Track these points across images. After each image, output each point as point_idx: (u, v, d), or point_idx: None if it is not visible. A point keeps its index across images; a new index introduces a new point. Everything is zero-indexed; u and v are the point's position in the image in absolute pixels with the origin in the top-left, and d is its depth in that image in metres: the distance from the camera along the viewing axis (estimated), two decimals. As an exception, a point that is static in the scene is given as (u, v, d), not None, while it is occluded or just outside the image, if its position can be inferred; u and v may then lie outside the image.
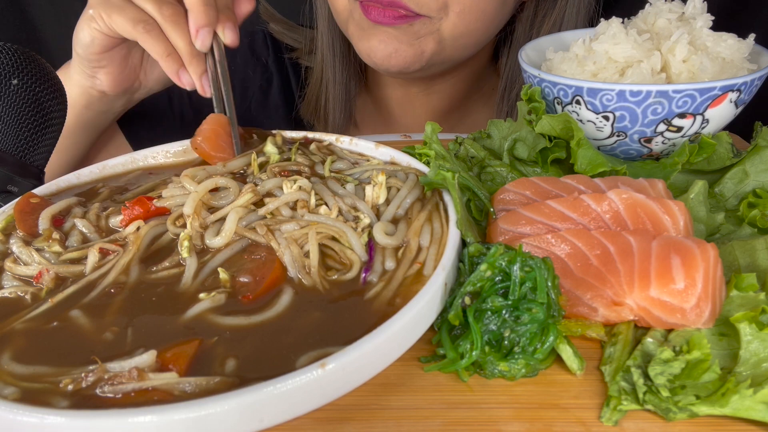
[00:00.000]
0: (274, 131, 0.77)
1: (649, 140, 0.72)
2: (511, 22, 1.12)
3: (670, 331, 0.52)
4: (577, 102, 0.72)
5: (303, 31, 1.23)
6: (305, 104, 1.23)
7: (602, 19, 0.78)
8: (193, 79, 0.82)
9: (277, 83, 1.25)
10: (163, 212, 0.61)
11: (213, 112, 0.77)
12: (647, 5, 0.78)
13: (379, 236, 0.57)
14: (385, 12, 0.96)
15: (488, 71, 1.24)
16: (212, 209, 0.60)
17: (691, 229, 0.58)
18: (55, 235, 0.59)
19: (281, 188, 0.61)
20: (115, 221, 0.61)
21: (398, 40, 0.98)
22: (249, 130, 0.75)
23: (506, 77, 1.16)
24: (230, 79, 0.81)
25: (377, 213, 0.61)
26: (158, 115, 1.20)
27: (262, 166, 0.67)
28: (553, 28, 1.08)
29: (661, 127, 0.70)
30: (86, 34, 0.87)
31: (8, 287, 0.55)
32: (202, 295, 0.52)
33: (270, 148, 0.70)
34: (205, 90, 0.82)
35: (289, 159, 0.69)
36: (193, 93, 0.90)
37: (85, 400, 0.43)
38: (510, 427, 0.46)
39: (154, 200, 0.61)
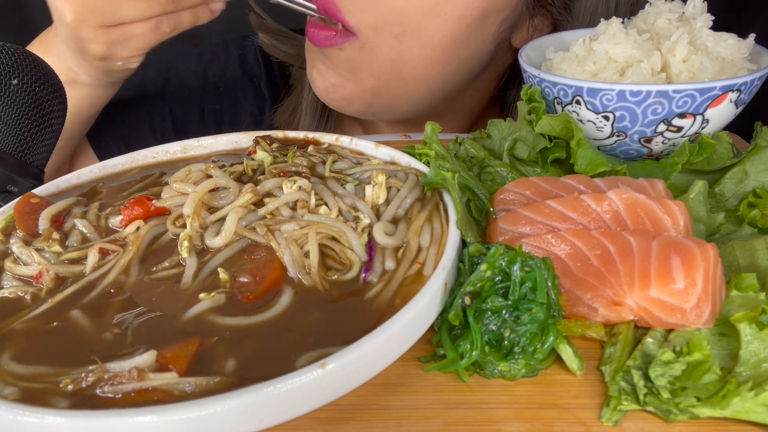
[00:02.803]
0: (279, 132, 0.77)
1: (649, 140, 0.72)
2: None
3: (670, 331, 0.52)
4: (577, 102, 0.72)
5: (293, 39, 1.15)
6: (282, 110, 1.15)
7: (602, 20, 0.78)
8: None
9: (269, 107, 1.17)
10: (163, 212, 0.61)
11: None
12: (647, 5, 0.78)
13: (379, 236, 0.57)
14: (318, 30, 0.86)
15: (489, 111, 1.11)
16: (212, 209, 0.60)
17: (691, 229, 0.58)
18: (55, 235, 0.59)
19: (281, 188, 0.61)
20: (115, 221, 0.61)
21: (336, 72, 0.89)
22: (265, 137, 0.75)
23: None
24: (220, 104, 0.79)
25: (377, 213, 0.61)
26: (138, 140, 1.14)
27: (256, 172, 0.67)
28: None
29: (661, 127, 0.70)
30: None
31: (8, 287, 0.55)
32: (202, 295, 0.52)
33: (261, 154, 0.70)
34: None
35: (284, 162, 0.68)
36: (178, 119, 0.88)
37: (85, 400, 0.43)
38: (510, 427, 0.46)
39: (154, 200, 0.61)
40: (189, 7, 0.85)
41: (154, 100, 1.15)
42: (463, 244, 0.56)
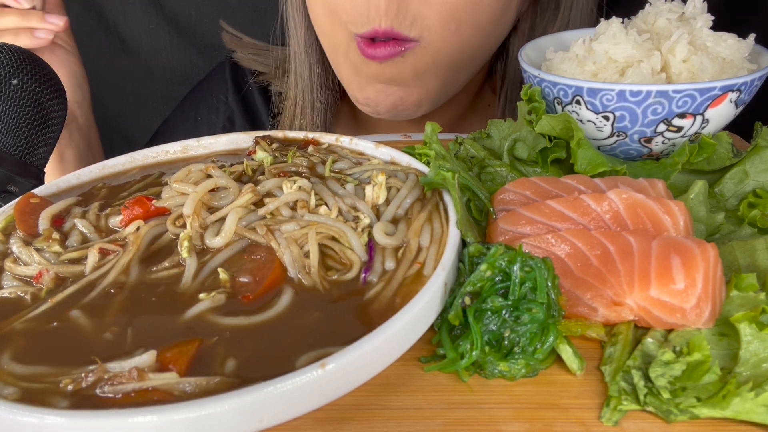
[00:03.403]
0: (278, 132, 0.77)
1: (649, 140, 0.72)
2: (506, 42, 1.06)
3: (670, 331, 0.52)
4: (577, 102, 0.72)
5: (274, 52, 1.17)
6: (281, 126, 1.17)
7: (602, 19, 0.78)
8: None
9: (241, 117, 1.21)
10: (163, 212, 0.61)
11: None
12: (647, 5, 0.78)
13: (379, 236, 0.57)
14: (374, 48, 0.87)
15: (483, 89, 1.18)
16: (212, 209, 0.60)
17: (691, 229, 0.58)
18: (55, 235, 0.59)
19: (281, 188, 0.61)
20: (115, 221, 0.61)
21: (400, 85, 0.90)
22: (265, 137, 0.75)
23: (504, 98, 1.09)
24: (202, 133, 0.80)
25: (377, 213, 0.61)
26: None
27: (256, 172, 0.67)
28: None
29: (661, 127, 0.70)
30: None
31: (8, 287, 0.55)
32: (202, 295, 0.52)
33: (261, 154, 0.70)
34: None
35: (284, 162, 0.69)
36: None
37: (85, 400, 0.43)
38: (510, 427, 0.46)
39: (154, 200, 0.61)
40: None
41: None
42: (463, 244, 0.56)
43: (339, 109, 1.21)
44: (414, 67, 0.91)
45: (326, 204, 0.61)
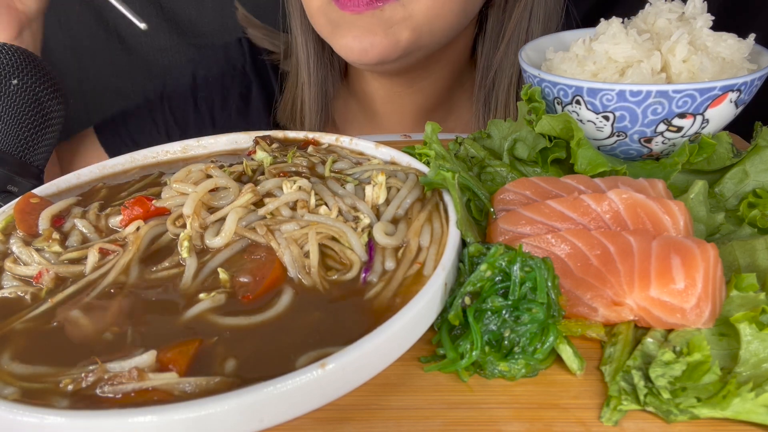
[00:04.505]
0: (278, 132, 0.77)
1: (649, 140, 0.72)
2: (484, 15, 1.11)
3: (670, 331, 0.52)
4: (577, 102, 0.72)
5: (281, 36, 1.24)
6: (281, 109, 1.23)
7: (602, 19, 0.78)
8: None
9: (257, 88, 1.26)
10: (163, 212, 0.61)
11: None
12: (647, 5, 0.78)
13: (379, 236, 0.57)
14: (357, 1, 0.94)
15: (468, 67, 1.24)
16: (212, 209, 0.60)
17: (691, 229, 0.58)
18: (55, 236, 0.59)
19: (281, 188, 0.61)
20: (115, 221, 0.61)
21: (372, 33, 0.96)
22: (265, 137, 0.75)
23: (482, 67, 1.15)
24: (210, 92, 0.79)
25: (377, 213, 0.61)
26: (144, 134, 1.24)
27: (256, 172, 0.67)
28: (524, 12, 1.06)
29: (661, 127, 0.70)
30: None
31: (8, 287, 0.55)
32: (202, 295, 0.52)
33: (261, 154, 0.70)
34: None
35: (284, 162, 0.69)
36: (177, 113, 0.89)
37: (85, 400, 0.43)
38: (510, 427, 0.46)
39: (154, 200, 0.61)
40: None
41: (155, 101, 1.26)
42: (463, 244, 0.56)
43: (344, 103, 1.26)
44: (387, 19, 0.96)
45: (326, 204, 0.61)
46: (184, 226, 0.58)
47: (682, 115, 0.69)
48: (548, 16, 1.08)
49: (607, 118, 0.71)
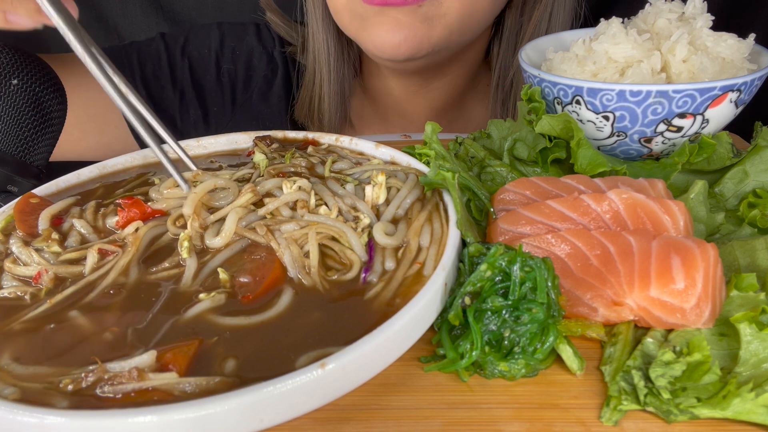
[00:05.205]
0: (278, 132, 0.77)
1: (649, 140, 0.72)
2: (501, 16, 1.12)
3: (670, 331, 0.52)
4: (577, 102, 0.72)
5: (297, 28, 1.22)
6: (299, 106, 1.22)
7: (602, 19, 0.78)
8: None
9: (281, 75, 1.24)
10: (162, 213, 0.61)
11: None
12: (647, 5, 0.78)
13: (379, 236, 0.57)
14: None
15: (482, 68, 1.24)
16: (212, 209, 0.60)
17: (691, 229, 0.58)
18: (55, 236, 0.59)
19: (281, 188, 0.61)
20: (112, 222, 0.61)
21: (407, 27, 0.95)
22: (264, 138, 0.75)
23: (498, 68, 1.15)
24: (234, 66, 0.76)
25: (377, 213, 0.61)
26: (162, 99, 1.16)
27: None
28: (544, 13, 1.07)
29: (661, 127, 0.70)
30: None
31: (8, 287, 0.55)
32: (202, 296, 0.52)
33: (258, 156, 0.70)
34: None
35: (282, 164, 0.68)
36: (196, 75, 0.84)
37: (85, 400, 0.43)
38: (510, 427, 0.46)
39: (150, 203, 0.61)
40: None
41: (172, 47, 1.19)
42: (463, 244, 0.56)
43: (359, 102, 1.26)
44: (424, 14, 0.96)
45: (326, 204, 0.61)
46: (184, 226, 0.58)
47: (682, 115, 0.69)
48: (567, 16, 1.08)
49: (607, 118, 0.71)
